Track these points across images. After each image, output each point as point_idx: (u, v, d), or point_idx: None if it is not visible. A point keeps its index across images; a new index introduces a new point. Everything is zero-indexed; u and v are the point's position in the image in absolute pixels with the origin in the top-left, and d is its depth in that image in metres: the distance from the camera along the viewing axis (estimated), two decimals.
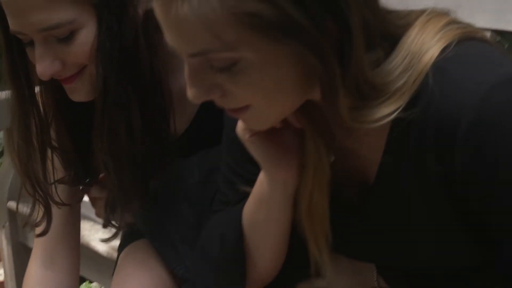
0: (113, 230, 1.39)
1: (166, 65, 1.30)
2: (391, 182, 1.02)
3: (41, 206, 1.38)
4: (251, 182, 1.18)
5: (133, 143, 1.27)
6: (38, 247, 1.47)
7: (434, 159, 0.96)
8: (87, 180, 1.45)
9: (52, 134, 1.36)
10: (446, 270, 1.12)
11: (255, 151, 1.09)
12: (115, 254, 1.59)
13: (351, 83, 0.91)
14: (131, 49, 1.22)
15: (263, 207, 1.14)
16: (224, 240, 1.19)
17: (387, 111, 0.93)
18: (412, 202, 1.02)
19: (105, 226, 1.38)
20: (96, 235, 1.92)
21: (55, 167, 1.39)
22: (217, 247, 1.20)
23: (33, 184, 1.36)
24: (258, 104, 0.95)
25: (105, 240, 1.40)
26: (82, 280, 2.25)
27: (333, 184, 1.08)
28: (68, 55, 1.20)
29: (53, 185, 1.39)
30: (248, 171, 1.19)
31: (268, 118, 1.00)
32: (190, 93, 0.95)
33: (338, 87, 0.90)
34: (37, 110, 1.31)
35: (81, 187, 1.48)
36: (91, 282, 2.32)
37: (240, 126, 1.08)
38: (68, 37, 1.19)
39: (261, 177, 1.13)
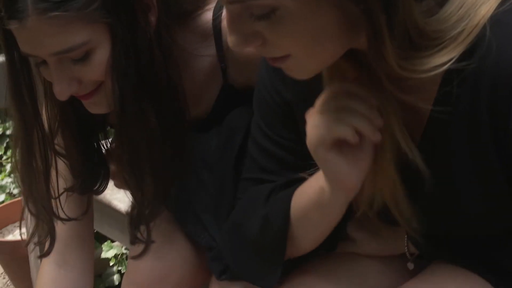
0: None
1: (180, 64, 1.28)
2: (440, 135, 0.99)
3: (44, 225, 1.36)
4: (283, 147, 1.16)
5: (152, 155, 1.26)
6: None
7: (487, 114, 0.93)
8: (95, 187, 1.43)
9: (59, 142, 1.34)
10: (484, 233, 1.10)
11: (326, 166, 1.03)
12: None
13: (399, 32, 0.87)
14: (146, 61, 1.20)
15: (319, 210, 1.10)
16: (268, 223, 1.16)
17: (440, 61, 0.89)
18: (460, 158, 0.99)
19: (132, 242, 1.36)
20: (117, 195, 1.91)
21: (64, 177, 1.37)
22: (256, 228, 1.17)
23: (37, 204, 1.34)
24: (298, 53, 0.93)
25: (135, 257, 1.38)
26: (104, 239, 2.25)
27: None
28: (85, 74, 1.18)
29: (58, 199, 1.37)
30: (281, 136, 1.16)
31: (309, 67, 0.97)
32: (230, 40, 0.93)
33: (384, 36, 0.87)
34: (41, 128, 1.29)
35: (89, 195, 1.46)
36: (112, 241, 2.32)
37: (311, 140, 1.01)
38: (83, 58, 1.16)
39: (322, 184, 1.06)
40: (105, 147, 1.43)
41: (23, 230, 1.54)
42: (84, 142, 1.37)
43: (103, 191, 1.44)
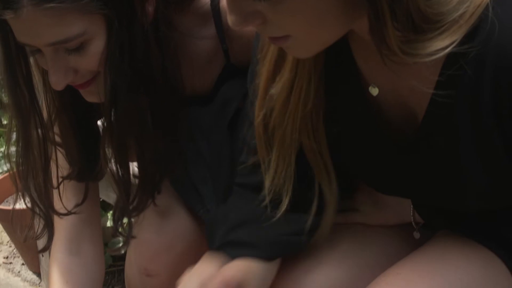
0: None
1: (180, 49, 1.27)
2: (442, 116, 0.98)
3: (41, 220, 1.35)
4: None
5: (142, 151, 1.25)
6: (61, 231, 1.42)
7: (490, 94, 0.92)
8: (93, 174, 1.40)
9: (56, 130, 1.33)
10: (488, 208, 1.10)
11: None
12: None
13: (401, 15, 0.86)
14: (141, 54, 1.18)
15: None
16: None
17: (442, 44, 0.88)
18: (463, 138, 0.98)
19: (114, 235, 1.35)
20: None
21: (61, 166, 1.36)
22: None
23: (33, 199, 1.32)
24: (299, 34, 0.92)
25: (115, 250, 1.37)
26: (109, 207, 2.25)
27: (381, 119, 1.05)
28: (80, 64, 1.17)
29: (58, 191, 1.36)
30: None
31: (310, 48, 0.96)
32: (229, 19, 0.92)
33: (386, 19, 0.86)
34: (39, 116, 1.27)
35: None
36: None
37: None
38: (79, 48, 1.14)
39: None
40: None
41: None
42: (82, 129, 1.35)
43: (101, 177, 1.43)
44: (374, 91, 1.03)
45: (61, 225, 1.41)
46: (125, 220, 1.35)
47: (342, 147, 1.12)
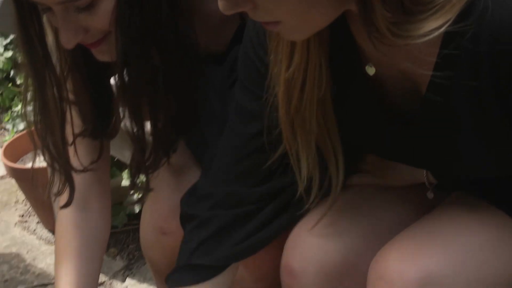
0: None
1: (194, 7, 1.26)
2: (441, 97, 0.98)
3: (61, 176, 1.36)
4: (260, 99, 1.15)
5: (155, 109, 1.25)
6: None
7: (488, 69, 0.91)
8: (107, 131, 1.40)
9: (69, 87, 1.33)
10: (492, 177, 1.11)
11: None
12: None
13: None
14: (152, 14, 1.17)
15: None
16: None
17: (435, 24, 0.86)
18: (463, 113, 0.98)
19: (131, 189, 1.36)
20: None
21: (75, 124, 1.36)
22: None
23: (52, 156, 1.33)
24: (288, 19, 0.91)
25: (132, 204, 1.37)
26: (124, 167, 2.26)
27: (384, 96, 1.05)
28: (90, 23, 1.16)
29: (74, 148, 1.36)
30: (259, 88, 1.15)
31: (302, 31, 0.96)
32: (220, 4, 0.91)
33: (373, 1, 0.85)
34: (53, 73, 1.27)
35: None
36: None
37: None
38: (89, 7, 1.14)
39: None
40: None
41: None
42: (94, 86, 1.35)
43: (115, 135, 1.43)
44: (371, 70, 1.03)
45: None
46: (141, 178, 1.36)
47: (349, 125, 1.12)
